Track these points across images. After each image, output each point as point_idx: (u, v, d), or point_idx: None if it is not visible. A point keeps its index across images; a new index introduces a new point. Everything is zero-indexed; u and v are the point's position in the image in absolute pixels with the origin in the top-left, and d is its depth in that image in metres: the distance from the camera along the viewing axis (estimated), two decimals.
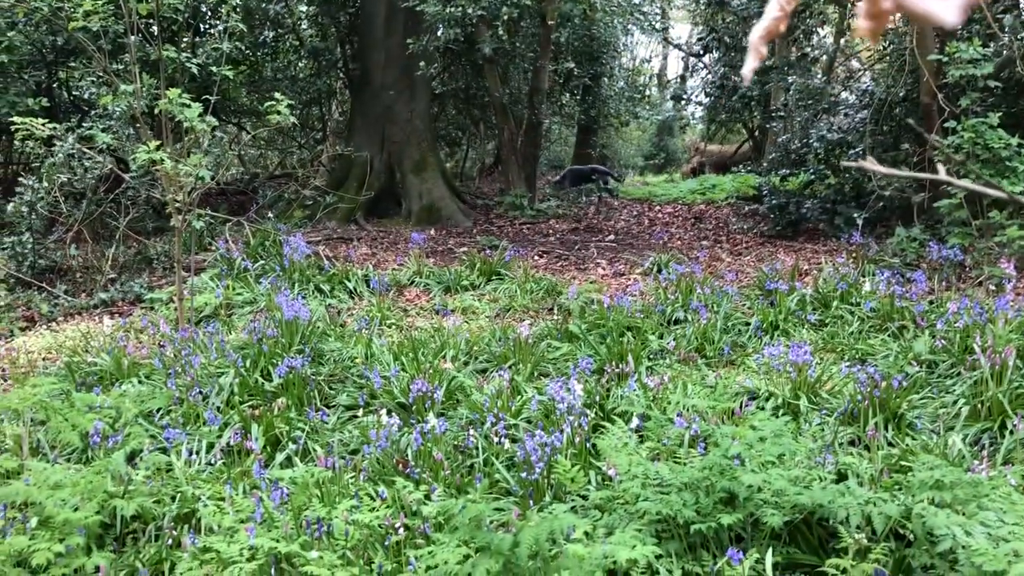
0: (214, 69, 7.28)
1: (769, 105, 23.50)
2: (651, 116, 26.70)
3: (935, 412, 5.04)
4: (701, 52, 12.81)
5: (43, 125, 6.94)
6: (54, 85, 13.83)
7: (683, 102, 18.74)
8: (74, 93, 14.01)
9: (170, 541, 3.89)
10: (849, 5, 13.16)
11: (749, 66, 1.38)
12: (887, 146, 11.34)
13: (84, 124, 9.71)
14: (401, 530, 3.55)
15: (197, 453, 4.90)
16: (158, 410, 5.57)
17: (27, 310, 8.57)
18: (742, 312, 7.69)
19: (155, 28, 6.60)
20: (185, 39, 12.42)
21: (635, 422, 4.57)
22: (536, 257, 10.89)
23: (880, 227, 11.13)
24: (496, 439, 4.67)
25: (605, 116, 22.07)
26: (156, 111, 8.72)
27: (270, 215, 11.89)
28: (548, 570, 2.26)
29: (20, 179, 9.24)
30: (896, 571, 3.21)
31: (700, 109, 26.14)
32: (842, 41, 14.29)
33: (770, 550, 3.10)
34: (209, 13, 12.34)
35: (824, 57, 13.38)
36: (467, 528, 2.36)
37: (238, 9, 7.87)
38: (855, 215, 9.90)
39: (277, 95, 7.08)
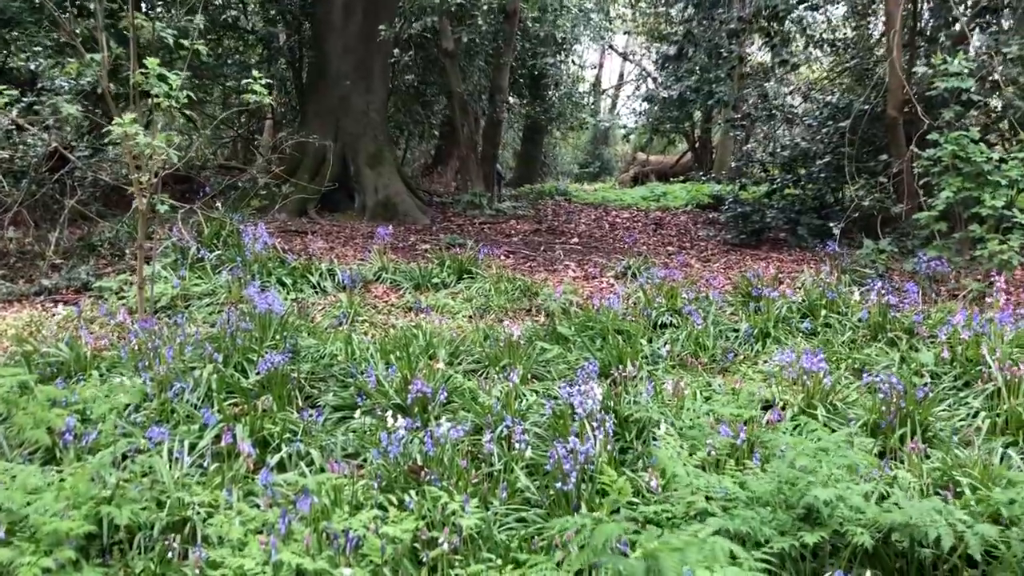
0: (185, 43, 6.79)
1: (711, 117, 23.79)
2: (599, 122, 26.70)
3: (955, 424, 4.91)
4: (676, 55, 12.72)
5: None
6: None
7: (652, 105, 18.70)
8: (10, 65, 13.12)
9: (170, 554, 3.46)
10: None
11: None
12: (850, 157, 11.39)
13: (24, 99, 9.04)
14: (444, 544, 3.21)
15: (180, 455, 4.45)
16: (127, 406, 5.07)
17: None
18: (727, 318, 7.54)
19: None
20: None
21: (663, 428, 4.32)
22: (503, 257, 10.59)
23: (843, 239, 11.17)
24: (514, 445, 4.35)
25: (553, 119, 21.95)
26: (108, 87, 8.15)
27: (218, 205, 11.30)
28: None
29: None
30: None
31: (642, 118, 26.32)
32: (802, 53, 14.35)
33: (868, 572, 2.87)
34: None
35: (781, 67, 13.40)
36: (594, 550, 2.06)
37: None
38: (831, 225, 9.86)
39: (255, 72, 6.63)
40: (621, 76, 37.72)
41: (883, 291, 7.05)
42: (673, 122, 22.65)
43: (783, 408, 5.08)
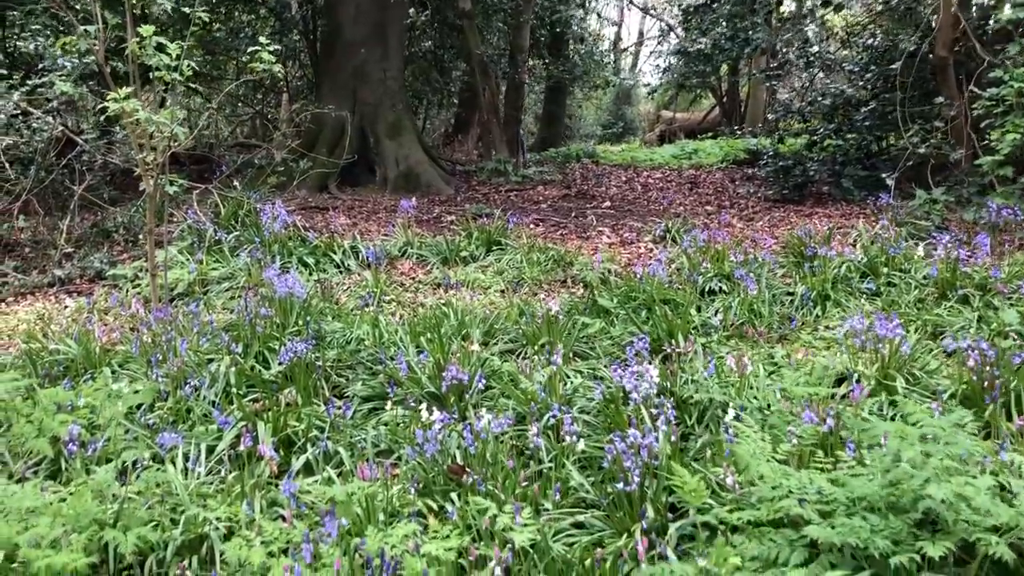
0: (186, 11, 6.31)
1: (738, 69, 22.95)
2: (622, 80, 25.95)
3: None
4: (705, 4, 12.05)
5: None
6: None
7: (680, 59, 17.95)
8: (13, 48, 12.72)
9: None
10: None
11: None
12: (900, 103, 10.72)
13: (28, 82, 8.65)
14: (497, 569, 2.77)
15: (196, 461, 4.04)
16: (138, 406, 4.67)
17: None
18: (779, 281, 7.02)
19: None
20: None
21: (731, 413, 3.84)
22: (532, 226, 10.09)
23: (894, 190, 10.55)
24: (563, 436, 3.90)
25: (576, 79, 21.26)
26: (113, 64, 7.71)
27: (236, 183, 10.87)
28: None
29: None
30: None
31: (667, 75, 25.57)
32: None
33: None
34: None
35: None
36: None
37: None
38: (880, 176, 9.25)
39: (261, 39, 6.15)
40: (641, 33, 36.88)
41: (950, 244, 6.49)
42: (700, 76, 21.90)
43: (857, 380, 4.57)
